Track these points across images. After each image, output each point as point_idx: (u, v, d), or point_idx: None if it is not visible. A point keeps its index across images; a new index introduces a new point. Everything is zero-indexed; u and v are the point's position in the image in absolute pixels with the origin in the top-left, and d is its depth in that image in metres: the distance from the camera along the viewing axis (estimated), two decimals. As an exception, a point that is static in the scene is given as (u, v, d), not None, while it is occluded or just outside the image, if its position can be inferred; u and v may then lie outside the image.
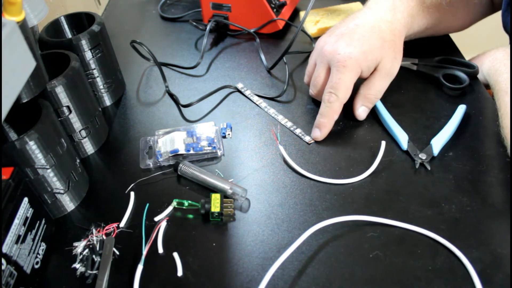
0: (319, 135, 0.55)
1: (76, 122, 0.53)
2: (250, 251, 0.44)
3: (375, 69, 0.55)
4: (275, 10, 0.77)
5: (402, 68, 0.65)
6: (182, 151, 0.54)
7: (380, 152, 0.52)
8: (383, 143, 0.53)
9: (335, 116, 0.55)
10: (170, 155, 0.54)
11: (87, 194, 0.52)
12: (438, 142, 0.52)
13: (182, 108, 0.63)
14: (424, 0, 0.62)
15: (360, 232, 0.45)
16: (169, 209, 0.49)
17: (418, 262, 0.42)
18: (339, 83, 0.53)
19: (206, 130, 0.58)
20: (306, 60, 0.72)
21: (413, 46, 0.64)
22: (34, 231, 0.43)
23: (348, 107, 0.57)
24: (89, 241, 0.45)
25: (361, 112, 0.57)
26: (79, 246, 0.45)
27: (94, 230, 0.46)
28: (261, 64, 0.71)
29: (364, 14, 0.58)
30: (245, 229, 0.46)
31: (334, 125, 0.57)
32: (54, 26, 0.62)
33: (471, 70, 0.62)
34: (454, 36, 0.73)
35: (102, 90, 0.64)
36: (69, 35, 0.64)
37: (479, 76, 0.63)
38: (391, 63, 0.55)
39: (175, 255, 0.44)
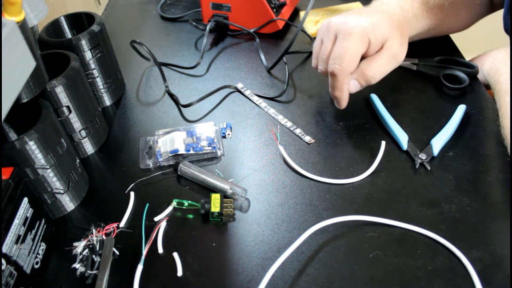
0: (340, 106, 0.55)
1: (76, 122, 0.53)
2: (250, 251, 0.44)
3: (381, 48, 0.53)
4: (275, 10, 0.77)
5: (402, 68, 0.65)
6: (182, 151, 0.54)
7: (380, 152, 0.52)
8: (383, 143, 0.53)
9: (345, 86, 0.53)
10: (170, 155, 0.54)
11: (87, 194, 0.52)
12: (438, 142, 0.52)
13: (182, 108, 0.63)
14: (427, 1, 0.61)
15: (360, 232, 0.45)
16: (169, 209, 0.49)
17: (418, 262, 0.42)
18: (344, 51, 0.50)
19: (206, 130, 0.58)
20: (306, 60, 0.72)
21: (413, 46, 0.64)
22: (34, 231, 0.43)
23: (348, 105, 0.57)
24: (89, 241, 0.45)
25: (351, 85, 0.54)
26: (79, 246, 0.45)
27: (94, 230, 0.46)
28: (261, 64, 0.71)
29: (370, 6, 0.58)
30: (245, 229, 0.46)
31: (334, 125, 0.58)
32: (54, 26, 0.62)
33: (471, 70, 0.62)
34: (454, 36, 0.73)
35: (102, 90, 0.64)
36: (69, 35, 0.64)
37: (479, 76, 0.63)
38: (399, 46, 0.53)
39: (175, 255, 0.44)
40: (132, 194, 0.51)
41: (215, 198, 0.47)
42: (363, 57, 0.53)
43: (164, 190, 0.51)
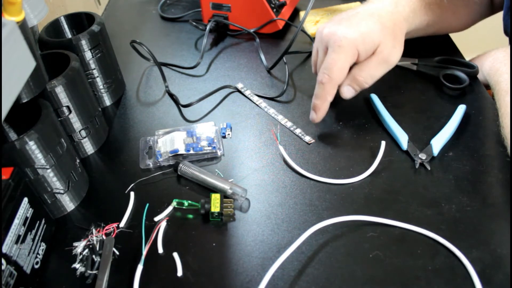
0: (315, 117, 0.55)
1: (76, 122, 0.53)
2: (250, 251, 0.44)
3: (372, 54, 0.54)
4: (275, 10, 0.77)
5: (402, 68, 0.66)
6: (182, 151, 0.54)
7: (380, 152, 0.52)
8: (383, 143, 0.53)
9: (329, 97, 0.54)
10: (170, 155, 0.54)
11: (87, 194, 0.52)
12: (438, 142, 0.52)
13: (182, 108, 0.63)
14: None
15: (360, 232, 0.45)
16: (169, 209, 0.49)
17: (418, 262, 0.42)
18: (332, 63, 0.52)
19: (206, 130, 0.58)
20: (306, 60, 0.72)
21: (413, 46, 0.64)
22: (34, 231, 0.43)
23: (346, 105, 0.57)
24: (89, 241, 0.45)
25: (345, 90, 0.55)
26: (79, 246, 0.45)
27: (94, 230, 0.46)
28: (261, 64, 0.71)
29: (364, 6, 0.58)
30: (245, 229, 0.46)
31: (334, 125, 0.58)
32: (54, 26, 0.62)
33: (471, 70, 0.62)
34: (454, 36, 0.73)
35: (102, 90, 0.64)
36: (69, 35, 0.64)
37: (479, 76, 0.63)
38: (390, 49, 0.54)
39: (175, 255, 0.44)
40: (132, 194, 0.51)
41: (215, 198, 0.47)
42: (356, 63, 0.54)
43: (164, 190, 0.51)
